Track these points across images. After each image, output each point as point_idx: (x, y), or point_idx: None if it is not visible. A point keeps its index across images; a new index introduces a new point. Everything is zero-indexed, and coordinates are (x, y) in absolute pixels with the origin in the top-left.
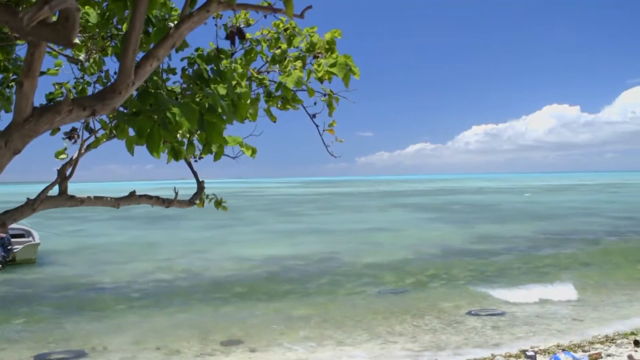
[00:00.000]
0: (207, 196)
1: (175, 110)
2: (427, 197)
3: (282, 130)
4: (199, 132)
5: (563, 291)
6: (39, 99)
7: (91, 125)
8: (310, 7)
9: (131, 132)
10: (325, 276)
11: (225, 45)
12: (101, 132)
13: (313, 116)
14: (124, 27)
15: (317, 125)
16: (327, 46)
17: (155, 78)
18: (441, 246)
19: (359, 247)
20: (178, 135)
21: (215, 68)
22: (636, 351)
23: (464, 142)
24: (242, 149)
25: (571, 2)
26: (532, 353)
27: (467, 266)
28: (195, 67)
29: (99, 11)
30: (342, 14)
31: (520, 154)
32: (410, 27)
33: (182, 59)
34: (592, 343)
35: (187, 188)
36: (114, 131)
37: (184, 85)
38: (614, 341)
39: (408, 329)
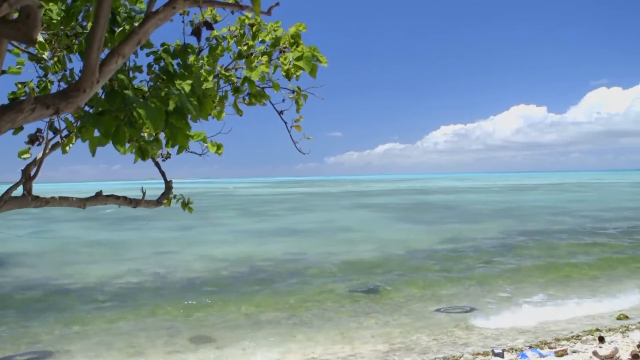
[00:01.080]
0: (175, 196)
1: (141, 111)
2: (396, 196)
3: (252, 131)
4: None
5: (530, 289)
6: (1, 99)
7: (56, 124)
8: (277, 4)
9: (96, 132)
10: (295, 276)
11: (193, 42)
12: (65, 132)
13: (281, 112)
14: (89, 24)
15: (285, 122)
16: (292, 40)
17: (121, 77)
18: (410, 245)
19: (328, 246)
20: (145, 133)
21: (181, 63)
22: (600, 347)
23: (433, 142)
24: (206, 145)
25: (537, 4)
26: (500, 351)
27: (436, 265)
28: (162, 63)
29: (62, 8)
30: (309, 12)
31: (488, 153)
32: (378, 26)
33: (147, 54)
34: (559, 340)
35: (156, 188)
36: (79, 133)
37: (151, 84)
38: (579, 338)
39: (377, 329)
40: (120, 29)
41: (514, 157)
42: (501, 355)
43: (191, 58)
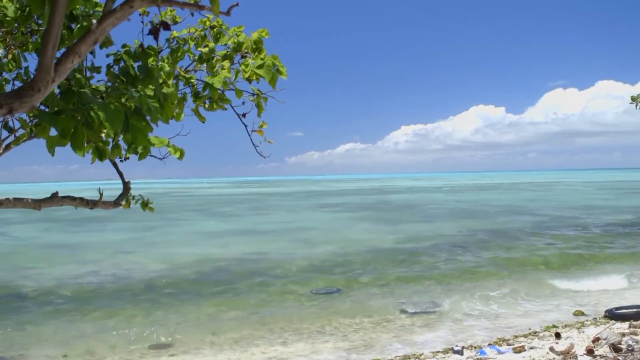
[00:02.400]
0: (133, 197)
1: (100, 113)
2: (357, 196)
3: (212, 131)
4: (124, 132)
5: (489, 287)
6: None
7: (10, 124)
8: (237, 4)
9: (53, 131)
10: (256, 277)
11: (153, 43)
12: (21, 131)
13: (242, 116)
14: (45, 22)
15: (245, 126)
16: (254, 46)
17: (78, 76)
18: (372, 245)
19: (290, 247)
20: (103, 134)
21: (142, 65)
22: (557, 343)
23: (394, 142)
24: (169, 149)
25: (494, 6)
26: (459, 348)
27: (397, 265)
28: (122, 64)
29: (17, 5)
30: (270, 11)
31: (448, 153)
32: (338, 26)
33: (107, 55)
34: (517, 337)
35: (114, 189)
36: (35, 130)
37: (109, 84)
38: (536, 334)
39: (339, 328)
40: (78, 25)
41: (473, 156)
42: (460, 352)
43: (150, 59)
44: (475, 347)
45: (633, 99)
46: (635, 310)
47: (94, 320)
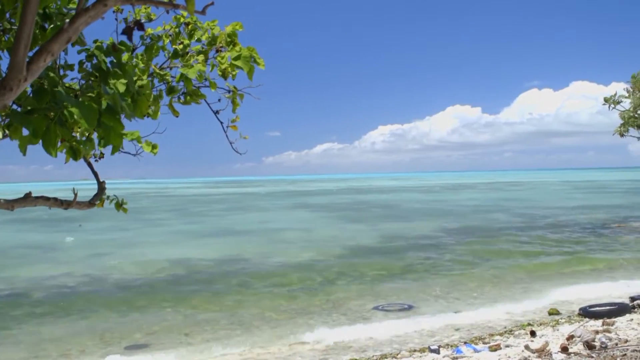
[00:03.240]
0: (108, 197)
1: (74, 110)
2: (334, 196)
3: (189, 131)
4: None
5: (465, 286)
6: None
7: None
8: (212, 3)
9: (25, 131)
10: (233, 277)
11: (126, 40)
12: None
13: (217, 112)
14: (17, 20)
15: (221, 122)
16: (228, 39)
17: (51, 74)
18: (349, 245)
19: (267, 247)
20: (77, 134)
21: (115, 61)
22: (532, 341)
23: (371, 142)
24: (141, 145)
25: (470, 6)
26: (435, 347)
27: (374, 264)
28: (94, 60)
29: None
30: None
31: (424, 153)
32: (315, 25)
33: (79, 52)
34: (492, 335)
35: (89, 189)
36: (7, 130)
37: (83, 82)
38: (512, 332)
39: (316, 328)
40: (52, 25)
41: (449, 156)
42: (437, 351)
43: (125, 56)
44: (451, 346)
45: (606, 100)
46: (608, 308)
47: (68, 322)
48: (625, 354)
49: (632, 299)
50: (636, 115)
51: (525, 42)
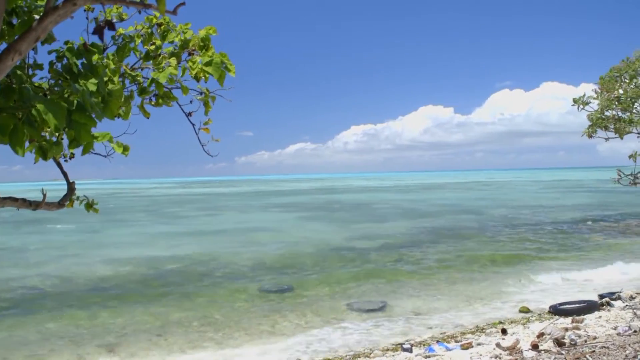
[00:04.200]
0: (78, 198)
1: (40, 107)
2: (307, 196)
3: (160, 131)
4: (66, 129)
5: (437, 285)
6: None
7: None
8: (183, 3)
9: None
10: (205, 277)
11: (97, 41)
12: None
13: (189, 114)
14: None
15: (193, 124)
16: (201, 43)
17: (19, 73)
18: (322, 245)
19: (239, 247)
20: (46, 133)
21: (86, 62)
22: (503, 339)
23: (344, 142)
24: (112, 145)
25: (442, 7)
26: (408, 346)
27: (347, 264)
28: (65, 61)
29: None
30: (219, 10)
31: (397, 153)
32: (287, 25)
33: (49, 52)
34: (464, 334)
35: (59, 190)
36: None
37: (52, 81)
38: (483, 331)
39: (289, 328)
40: (19, 21)
41: (421, 156)
42: (409, 350)
43: (95, 56)
44: (424, 344)
45: (575, 101)
46: (577, 305)
47: (37, 325)
48: (594, 351)
49: (601, 296)
50: (604, 117)
51: (497, 43)
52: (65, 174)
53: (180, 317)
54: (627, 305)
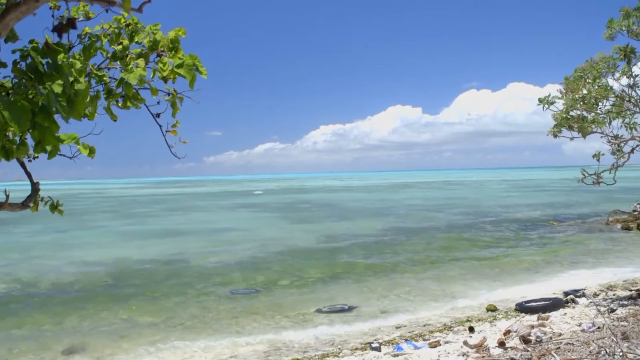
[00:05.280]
0: (42, 199)
1: (5, 113)
2: (276, 196)
3: (127, 130)
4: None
5: (405, 285)
6: None
7: None
8: (148, 1)
9: None
10: (173, 278)
11: (63, 39)
12: None
13: (157, 116)
14: None
15: (160, 126)
16: (171, 44)
17: None
18: (291, 245)
19: (208, 247)
20: (9, 133)
21: (51, 62)
22: (471, 337)
23: (312, 142)
24: (78, 147)
25: (409, 6)
26: (377, 345)
27: (316, 264)
28: (29, 60)
29: None
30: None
31: (366, 153)
32: (255, 25)
33: (13, 51)
34: (432, 332)
35: (23, 190)
36: None
37: (16, 81)
38: (451, 329)
39: (258, 329)
40: None
41: (390, 156)
42: (378, 349)
43: (61, 56)
44: (392, 343)
45: (540, 101)
46: (543, 303)
47: (1, 328)
48: (559, 347)
49: (566, 293)
50: (568, 117)
51: (464, 43)
52: (29, 174)
53: (148, 318)
54: (591, 302)
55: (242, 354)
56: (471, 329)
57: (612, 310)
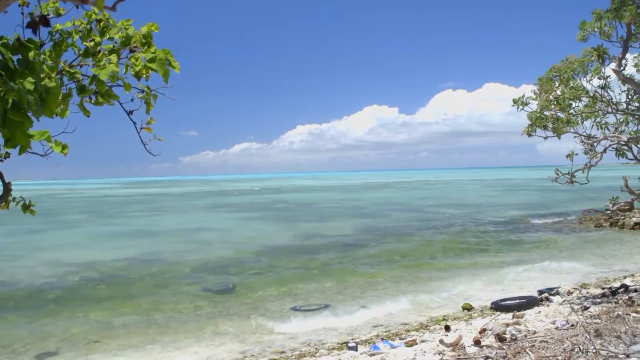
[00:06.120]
0: (14, 199)
1: None
2: (252, 196)
3: (101, 129)
4: (1, 128)
5: (381, 284)
6: None
7: None
8: None
9: None
10: (148, 279)
11: (33, 35)
12: None
13: (130, 113)
14: None
15: (134, 123)
16: (143, 40)
17: None
18: (266, 245)
19: (183, 248)
20: None
21: (22, 59)
22: (447, 335)
23: (289, 142)
24: (50, 144)
25: (385, 5)
26: (354, 344)
27: (292, 264)
28: (0, 57)
29: None
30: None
31: (342, 152)
32: (231, 25)
33: None
34: (408, 331)
35: None
36: None
37: None
38: (427, 328)
39: (234, 330)
40: None
41: (367, 156)
42: (355, 348)
43: (32, 53)
44: (369, 343)
45: (515, 101)
46: (517, 301)
47: None
48: (533, 345)
49: (540, 292)
50: (542, 116)
51: (440, 43)
52: (0, 174)
53: (123, 320)
54: (565, 300)
55: (218, 354)
56: (447, 328)
57: (586, 308)
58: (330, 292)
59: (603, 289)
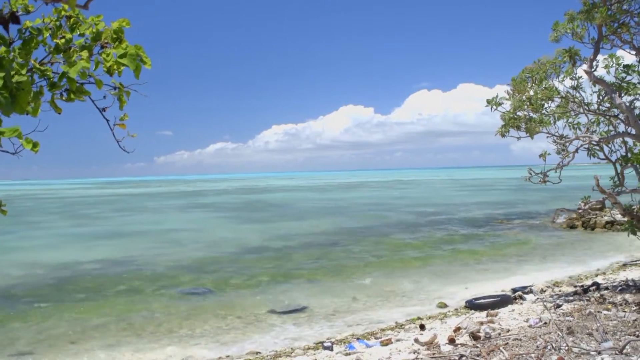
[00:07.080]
0: None
1: None
2: (228, 196)
3: (74, 129)
4: None
5: (357, 284)
6: None
7: None
8: None
9: None
10: (123, 280)
11: (2, 32)
12: None
13: (103, 110)
14: None
15: (107, 120)
16: (114, 35)
17: None
18: (242, 245)
19: (158, 248)
20: None
21: None
22: (422, 334)
23: (264, 142)
24: (21, 142)
25: (361, 4)
26: (329, 344)
27: (268, 264)
28: None
29: None
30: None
31: (318, 152)
32: (206, 25)
33: None
34: (384, 330)
35: None
36: None
37: None
38: (402, 327)
39: (209, 330)
40: None
41: (342, 155)
42: (330, 348)
43: (2, 49)
44: (344, 342)
45: (488, 101)
46: (492, 300)
47: None
48: (507, 343)
49: (514, 290)
50: (515, 117)
51: (415, 43)
52: None
53: (97, 321)
54: (538, 298)
55: (193, 355)
56: (422, 327)
57: (558, 306)
58: (305, 291)
59: (575, 287)
